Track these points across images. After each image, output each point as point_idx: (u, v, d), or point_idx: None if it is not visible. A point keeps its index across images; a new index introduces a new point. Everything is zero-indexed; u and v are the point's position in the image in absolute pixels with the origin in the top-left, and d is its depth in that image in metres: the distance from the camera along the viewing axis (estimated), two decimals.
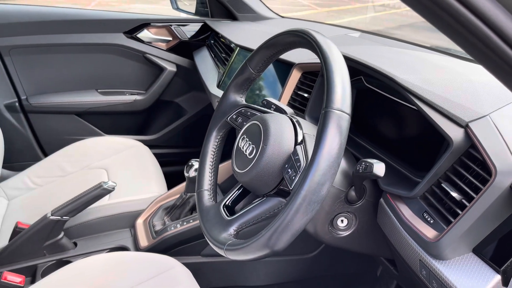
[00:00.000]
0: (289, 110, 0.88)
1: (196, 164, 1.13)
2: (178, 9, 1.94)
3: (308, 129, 0.73)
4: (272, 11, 1.83)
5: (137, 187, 1.34)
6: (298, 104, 1.04)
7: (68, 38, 1.66)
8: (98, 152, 1.53)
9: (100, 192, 1.13)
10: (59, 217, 1.11)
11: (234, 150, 0.78)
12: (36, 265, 1.11)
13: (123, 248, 1.18)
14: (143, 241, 1.16)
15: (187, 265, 0.99)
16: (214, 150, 0.89)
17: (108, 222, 1.24)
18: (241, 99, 0.89)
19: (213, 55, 1.64)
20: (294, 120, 0.74)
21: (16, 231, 1.14)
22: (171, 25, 1.78)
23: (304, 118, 0.97)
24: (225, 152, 0.91)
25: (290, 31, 0.72)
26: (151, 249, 1.13)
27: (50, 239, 1.13)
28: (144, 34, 1.75)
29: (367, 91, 0.91)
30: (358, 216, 0.78)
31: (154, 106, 1.85)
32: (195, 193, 0.86)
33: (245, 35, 1.46)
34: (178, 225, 1.15)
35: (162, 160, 1.54)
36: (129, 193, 1.30)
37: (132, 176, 1.41)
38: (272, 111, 0.80)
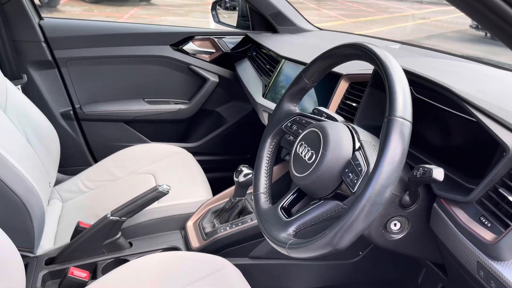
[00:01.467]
0: (339, 118, 0.93)
1: (245, 170, 1.19)
2: (219, 22, 2.03)
3: (364, 136, 0.77)
4: (311, 23, 1.89)
5: (185, 192, 1.40)
6: (346, 113, 1.09)
7: (119, 51, 1.77)
8: (145, 158, 1.61)
9: (155, 194, 1.20)
10: (118, 218, 1.18)
11: (292, 156, 0.83)
12: (96, 262, 1.19)
13: (175, 249, 1.24)
14: (194, 242, 1.22)
15: (235, 266, 1.04)
16: (269, 155, 0.95)
17: (160, 224, 1.31)
18: (295, 108, 0.94)
19: (255, 66, 1.70)
20: (350, 127, 0.79)
21: (78, 230, 1.22)
22: (214, 38, 1.87)
23: None
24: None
25: (349, 44, 0.78)
26: (202, 249, 1.19)
27: (109, 238, 1.20)
28: (189, 46, 1.85)
29: (416, 101, 0.95)
30: (411, 220, 0.82)
31: (196, 115, 1.93)
32: (252, 196, 0.92)
33: (288, 47, 1.52)
34: (228, 228, 1.20)
35: (204, 167, 1.61)
36: (177, 197, 1.36)
37: (179, 181, 1.48)
38: (326, 120, 0.85)
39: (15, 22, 1.60)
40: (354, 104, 1.05)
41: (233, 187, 1.35)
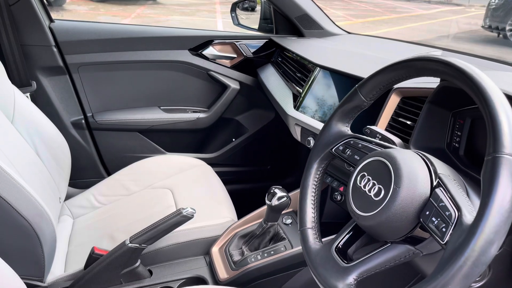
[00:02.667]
0: (397, 140, 0.81)
1: (279, 192, 1.06)
2: (239, 24, 1.90)
3: (441, 168, 0.65)
4: (339, 27, 1.77)
5: (207, 212, 1.29)
6: (397, 131, 0.96)
7: (134, 56, 1.65)
8: (162, 171, 1.50)
9: (179, 219, 1.08)
10: (138, 245, 1.06)
11: (351, 188, 0.71)
12: None
13: (200, 279, 1.12)
14: (222, 273, 1.10)
15: None
16: (315, 183, 0.82)
17: (182, 249, 1.19)
18: (346, 128, 0.82)
19: (281, 73, 1.58)
20: (424, 157, 0.66)
21: (93, 257, 1.11)
22: (235, 42, 1.74)
23: (408, 147, 0.88)
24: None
25: (427, 58, 0.65)
26: (232, 282, 1.07)
27: (127, 267, 1.08)
28: (209, 51, 1.72)
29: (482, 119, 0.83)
30: (493, 266, 0.69)
31: (215, 124, 1.81)
32: (299, 231, 0.80)
33: (320, 53, 1.40)
34: (259, 257, 1.08)
35: (222, 178, 1.50)
36: (200, 218, 1.25)
37: (199, 198, 1.36)
38: (393, 146, 0.73)
39: (24, 25, 1.48)
40: (408, 123, 0.93)
41: (261, 209, 1.24)
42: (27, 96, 1.47)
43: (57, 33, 1.54)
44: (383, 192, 0.64)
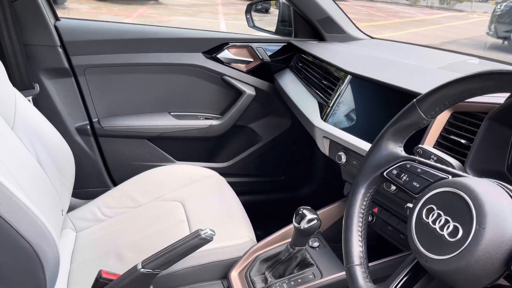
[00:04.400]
0: (455, 162, 0.70)
1: (308, 214, 0.95)
2: (254, 27, 1.80)
3: None
4: (362, 31, 1.67)
5: (223, 230, 1.18)
6: (445, 149, 0.86)
7: (145, 58, 1.54)
8: (171, 181, 1.40)
9: (197, 242, 0.97)
10: (151, 270, 0.96)
11: (414, 223, 0.60)
12: None
13: None
14: None
15: None
16: (362, 211, 0.72)
17: (197, 272, 1.08)
18: (400, 149, 0.71)
19: (303, 79, 1.47)
20: (509, 191, 0.55)
21: (100, 282, 1.00)
22: (252, 45, 1.64)
23: (464, 170, 0.78)
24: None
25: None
26: None
27: None
28: (224, 54, 1.62)
29: None
30: None
31: (227, 132, 1.70)
32: (345, 269, 0.69)
33: (349, 59, 1.29)
34: (285, 285, 0.98)
35: (234, 189, 1.40)
36: (216, 238, 1.13)
37: (213, 214, 1.26)
38: (464, 174, 0.62)
39: (27, 23, 1.37)
40: (463, 141, 0.82)
41: (283, 230, 1.14)
42: (29, 100, 1.35)
43: (62, 32, 1.43)
44: (461, 232, 0.53)
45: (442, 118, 0.87)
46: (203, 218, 1.24)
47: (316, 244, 1.10)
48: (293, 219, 0.97)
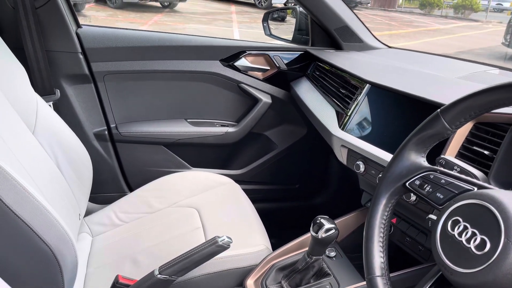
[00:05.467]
0: (479, 173, 0.69)
1: (326, 223, 0.95)
2: (271, 35, 1.81)
3: None
4: (379, 40, 1.66)
5: (240, 237, 1.17)
6: (469, 160, 0.85)
7: (163, 65, 1.55)
8: (187, 188, 1.40)
9: (214, 249, 0.98)
10: (168, 277, 0.96)
11: (438, 234, 0.59)
12: None
13: None
14: None
15: None
16: (384, 222, 0.71)
17: (213, 280, 1.08)
18: (423, 159, 0.71)
19: (320, 87, 1.47)
20: None
21: (117, 287, 1.00)
22: (269, 53, 1.64)
23: (488, 182, 0.77)
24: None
25: None
26: None
27: None
28: (241, 62, 1.62)
29: None
30: None
31: (243, 139, 1.70)
32: (366, 280, 0.68)
33: (367, 68, 1.29)
34: None
35: (249, 197, 1.40)
36: (232, 245, 1.14)
37: (229, 221, 1.26)
38: (490, 186, 0.61)
39: (50, 29, 1.39)
40: (486, 152, 0.81)
41: (300, 239, 1.13)
42: (49, 105, 1.38)
43: (84, 39, 1.45)
44: (488, 245, 0.52)
45: (465, 129, 0.86)
46: (218, 225, 1.24)
47: (333, 254, 1.09)
48: (311, 228, 0.96)
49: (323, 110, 1.31)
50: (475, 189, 0.61)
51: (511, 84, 0.58)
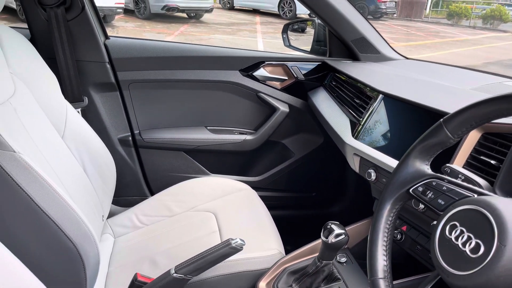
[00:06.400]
0: (483, 182, 0.71)
1: (336, 229, 0.98)
2: (290, 46, 1.86)
3: None
4: (396, 51, 1.68)
5: (254, 241, 1.21)
6: (476, 170, 0.86)
7: (185, 74, 1.62)
8: (206, 193, 1.45)
9: (228, 251, 1.02)
10: (183, 276, 1.00)
11: (437, 239, 0.62)
12: None
13: None
14: None
15: None
16: (388, 227, 0.74)
17: (227, 281, 1.12)
18: (427, 167, 0.73)
19: (336, 98, 1.50)
20: None
21: (135, 284, 1.05)
22: (287, 64, 1.69)
23: (494, 191, 0.78)
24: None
25: None
26: None
27: None
28: (259, 72, 1.68)
29: None
30: None
31: (261, 147, 1.75)
32: (369, 281, 0.71)
33: (380, 79, 1.32)
34: None
35: (266, 203, 1.44)
36: (246, 248, 1.17)
37: (244, 225, 1.30)
38: (488, 192, 0.63)
39: (80, 40, 1.49)
40: (493, 162, 0.82)
41: (312, 244, 1.16)
42: (78, 112, 1.46)
43: (111, 49, 1.54)
44: (482, 248, 0.54)
45: (473, 139, 0.88)
46: (234, 229, 1.28)
47: (343, 259, 1.11)
48: (321, 233, 0.99)
49: (337, 119, 1.34)
50: (475, 195, 0.63)
51: (509, 95, 0.61)
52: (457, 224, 0.59)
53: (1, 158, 0.84)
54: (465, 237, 0.57)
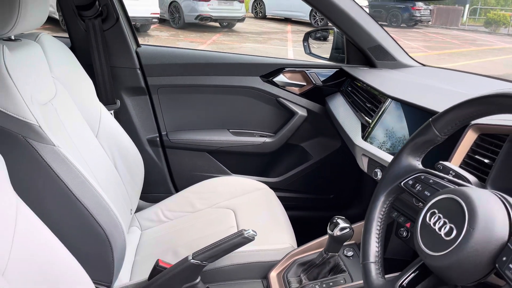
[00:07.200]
0: (472, 178, 0.77)
1: (341, 223, 1.05)
2: (310, 53, 1.93)
3: None
4: (413, 58, 1.73)
5: (268, 235, 1.30)
6: (472, 169, 0.91)
7: (209, 80, 1.74)
8: (226, 191, 1.54)
9: (240, 240, 1.10)
10: (199, 262, 1.10)
11: (419, 225, 0.68)
12: None
13: None
14: None
15: None
16: (381, 217, 0.80)
17: (241, 270, 1.20)
18: (417, 162, 0.80)
19: (351, 103, 1.57)
20: (503, 199, 0.62)
21: (157, 269, 1.15)
22: (306, 70, 1.77)
23: (485, 187, 0.83)
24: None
25: (510, 94, 0.62)
26: None
27: (188, 282, 1.11)
28: (279, 78, 1.77)
29: None
30: None
31: (280, 149, 1.83)
32: (361, 265, 0.78)
33: (392, 84, 1.37)
34: (317, 287, 1.06)
35: (284, 204, 1.51)
36: (260, 242, 1.25)
37: (260, 221, 1.38)
38: (467, 184, 0.69)
39: (115, 48, 1.63)
40: (486, 161, 0.87)
41: (322, 238, 1.22)
42: (111, 113, 1.60)
43: (142, 57, 1.68)
44: (454, 231, 0.61)
45: (470, 139, 0.93)
46: (251, 225, 1.36)
47: (350, 253, 1.17)
48: (328, 227, 1.07)
49: (350, 123, 1.41)
50: (456, 187, 0.69)
51: (486, 96, 0.67)
52: (436, 211, 0.66)
53: (43, 151, 0.97)
54: (441, 222, 0.63)
